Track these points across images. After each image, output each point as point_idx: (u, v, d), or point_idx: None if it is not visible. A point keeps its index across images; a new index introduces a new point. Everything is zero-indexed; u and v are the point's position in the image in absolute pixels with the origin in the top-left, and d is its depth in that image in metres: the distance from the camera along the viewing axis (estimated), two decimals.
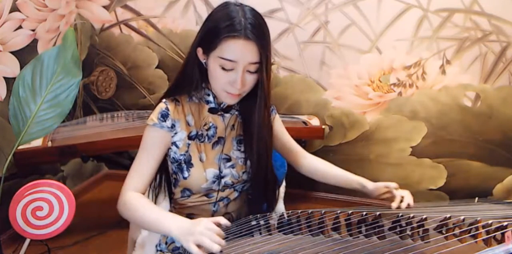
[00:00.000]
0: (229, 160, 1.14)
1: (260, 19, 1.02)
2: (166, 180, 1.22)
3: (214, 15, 1.03)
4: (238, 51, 0.98)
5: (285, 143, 1.29)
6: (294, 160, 1.30)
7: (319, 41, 2.42)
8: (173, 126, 1.09)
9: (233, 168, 1.14)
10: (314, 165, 1.30)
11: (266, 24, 1.03)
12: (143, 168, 1.06)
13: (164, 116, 1.08)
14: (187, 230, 0.88)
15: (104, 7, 2.68)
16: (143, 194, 1.05)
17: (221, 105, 1.13)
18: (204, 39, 1.04)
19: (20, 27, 2.14)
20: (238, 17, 0.98)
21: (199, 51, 1.06)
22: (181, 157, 1.11)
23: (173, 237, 0.91)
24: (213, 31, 1.00)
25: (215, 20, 1.02)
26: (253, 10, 1.02)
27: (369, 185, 1.18)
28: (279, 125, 1.28)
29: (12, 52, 2.10)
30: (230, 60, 0.99)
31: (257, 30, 0.99)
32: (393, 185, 1.14)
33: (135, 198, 1.01)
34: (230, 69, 1.01)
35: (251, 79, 1.03)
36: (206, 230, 0.86)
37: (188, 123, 1.11)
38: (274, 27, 2.43)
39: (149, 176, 1.07)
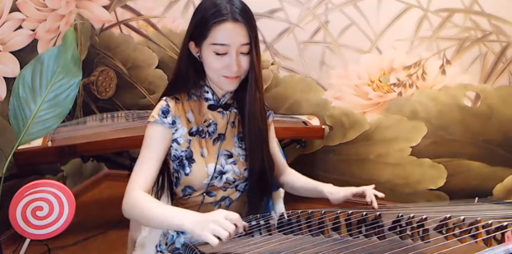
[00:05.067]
0: (230, 156, 1.15)
1: (245, 4, 1.05)
2: (168, 181, 1.22)
3: (199, 7, 1.07)
4: (229, 34, 1.01)
5: (272, 154, 1.26)
6: (276, 174, 1.29)
7: (319, 41, 2.42)
8: (173, 122, 1.09)
9: (234, 164, 1.15)
10: (290, 180, 1.28)
11: (250, 9, 1.06)
12: (147, 165, 1.06)
13: (164, 112, 1.09)
14: (200, 222, 0.86)
15: (104, 7, 2.68)
16: (149, 192, 1.05)
17: (220, 102, 1.15)
18: (194, 31, 1.06)
19: (20, 27, 2.14)
20: (223, 3, 1.02)
21: (191, 45, 1.09)
22: (182, 153, 1.11)
23: (186, 230, 0.89)
24: (202, 21, 1.03)
25: (201, 12, 1.05)
26: None
27: (327, 193, 1.17)
28: (272, 132, 1.27)
29: (12, 52, 2.11)
30: (222, 44, 1.02)
31: (244, 12, 1.03)
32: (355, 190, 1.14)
33: (142, 196, 1.00)
34: (224, 54, 1.03)
35: (245, 61, 1.05)
36: (220, 218, 0.85)
37: (188, 120, 1.12)
38: (274, 27, 2.43)
39: (153, 173, 1.06)
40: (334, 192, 1.16)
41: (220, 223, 0.84)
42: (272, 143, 1.27)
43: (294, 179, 1.28)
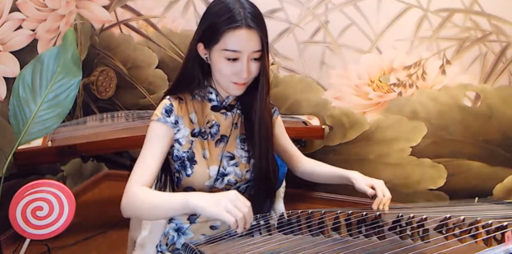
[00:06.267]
0: (232, 158, 1.15)
1: (257, 8, 1.04)
2: (170, 180, 1.22)
3: (211, 9, 1.05)
4: (242, 41, 1.00)
5: (284, 146, 1.29)
6: (292, 164, 1.31)
7: (319, 41, 2.42)
8: (176, 122, 1.09)
9: (236, 166, 1.14)
10: (309, 167, 1.29)
11: (260, 12, 1.05)
12: (147, 163, 1.04)
13: (168, 111, 1.09)
14: (212, 198, 0.85)
15: (104, 7, 2.68)
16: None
17: (224, 103, 1.14)
18: (204, 34, 1.04)
19: (20, 27, 2.14)
20: (236, 9, 1.00)
21: (200, 47, 1.07)
22: (184, 154, 1.11)
23: (194, 207, 0.86)
24: (214, 25, 1.01)
25: (214, 14, 1.03)
26: (248, 0, 1.04)
27: (355, 183, 1.15)
28: (280, 127, 1.28)
29: (12, 52, 2.10)
30: (235, 51, 1.01)
31: (257, 18, 1.01)
32: (376, 187, 1.11)
33: (140, 190, 0.98)
34: (235, 60, 1.02)
35: (255, 67, 1.05)
36: (236, 199, 0.84)
37: (191, 121, 1.12)
38: (274, 27, 2.43)
39: (154, 171, 1.05)
40: (359, 179, 1.14)
41: (234, 203, 0.83)
42: (284, 137, 1.29)
43: (314, 166, 1.28)
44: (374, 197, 1.09)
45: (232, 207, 0.83)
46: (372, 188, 1.10)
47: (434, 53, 2.29)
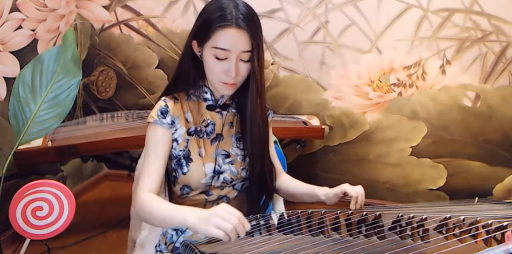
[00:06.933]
0: (228, 156, 1.16)
1: (252, 11, 1.05)
2: (167, 179, 1.22)
3: (206, 8, 1.07)
4: (230, 40, 1.02)
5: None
6: None
7: (319, 41, 2.42)
8: (173, 123, 1.10)
9: (232, 164, 1.15)
10: (286, 184, 1.26)
11: (257, 16, 1.06)
12: (151, 168, 1.07)
13: (163, 113, 1.10)
14: (203, 217, 0.87)
15: (104, 7, 2.68)
16: (158, 192, 1.06)
17: (219, 103, 1.15)
18: (198, 31, 1.07)
19: (20, 27, 2.14)
20: (229, 8, 1.03)
21: (194, 44, 1.09)
22: (180, 153, 1.12)
23: (189, 226, 0.90)
24: (206, 23, 1.04)
25: (207, 13, 1.05)
26: (244, 3, 1.06)
27: (322, 196, 1.14)
28: (270, 133, 1.27)
29: (12, 52, 2.10)
30: (223, 49, 1.02)
31: (248, 19, 1.03)
32: (344, 187, 1.10)
33: (148, 198, 1.02)
34: (224, 59, 1.04)
35: (244, 68, 1.06)
36: (225, 213, 0.85)
37: (187, 120, 1.13)
38: (274, 27, 2.43)
39: (159, 174, 1.07)
40: (329, 193, 1.14)
41: (222, 217, 0.85)
42: (270, 147, 1.25)
43: (290, 184, 1.26)
44: (346, 195, 1.09)
45: (220, 221, 0.84)
46: (344, 193, 1.10)
47: (434, 53, 2.29)
